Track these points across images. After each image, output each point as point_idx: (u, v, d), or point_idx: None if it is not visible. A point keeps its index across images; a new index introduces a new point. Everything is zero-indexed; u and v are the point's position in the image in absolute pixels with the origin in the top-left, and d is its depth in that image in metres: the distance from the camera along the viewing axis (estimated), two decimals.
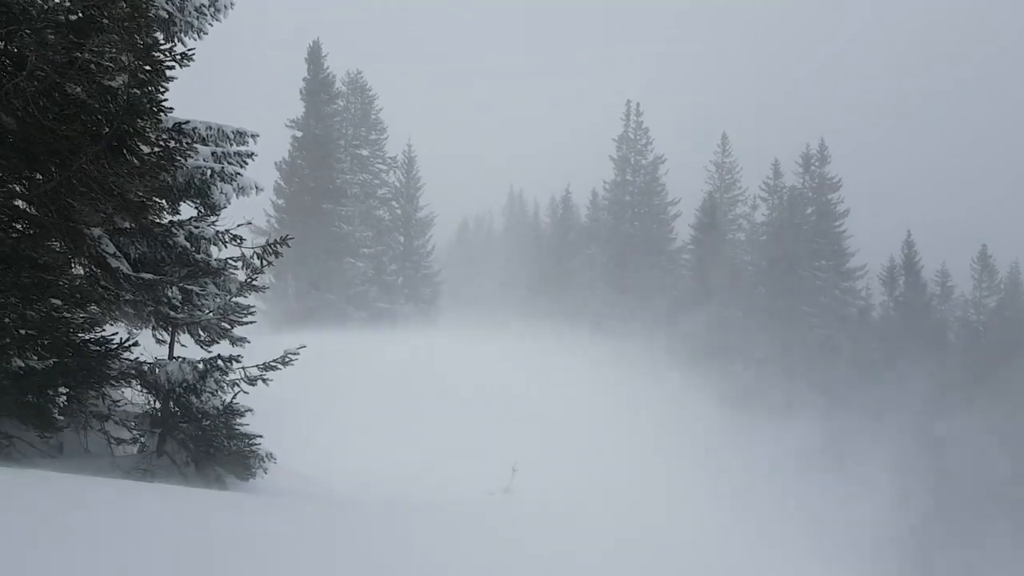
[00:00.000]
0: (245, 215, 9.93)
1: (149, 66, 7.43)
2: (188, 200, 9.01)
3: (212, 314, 9.27)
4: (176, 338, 9.51)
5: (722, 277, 48.03)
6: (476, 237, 68.66)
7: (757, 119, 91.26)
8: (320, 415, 19.12)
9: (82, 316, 7.84)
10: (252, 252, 9.31)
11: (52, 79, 6.82)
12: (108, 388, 8.64)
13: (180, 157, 8.31)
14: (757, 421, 33.04)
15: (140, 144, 7.32)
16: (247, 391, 9.40)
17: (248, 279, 9.46)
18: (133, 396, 9.52)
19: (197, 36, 9.15)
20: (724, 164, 53.53)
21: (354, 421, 19.36)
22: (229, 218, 9.36)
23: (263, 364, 9.44)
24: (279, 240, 9.24)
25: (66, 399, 7.41)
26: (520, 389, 25.81)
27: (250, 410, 9.19)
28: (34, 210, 7.75)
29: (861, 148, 50.19)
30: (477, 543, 6.39)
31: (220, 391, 9.06)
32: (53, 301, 7.40)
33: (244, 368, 9.28)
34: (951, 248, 51.53)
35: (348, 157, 45.23)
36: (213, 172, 8.76)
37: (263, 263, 9.30)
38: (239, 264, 9.27)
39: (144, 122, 7.23)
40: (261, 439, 9.27)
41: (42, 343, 7.11)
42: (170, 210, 9.06)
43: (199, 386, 8.87)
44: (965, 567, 30.39)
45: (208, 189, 8.77)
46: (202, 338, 9.57)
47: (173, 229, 8.88)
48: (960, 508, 34.34)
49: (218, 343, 9.56)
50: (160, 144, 7.76)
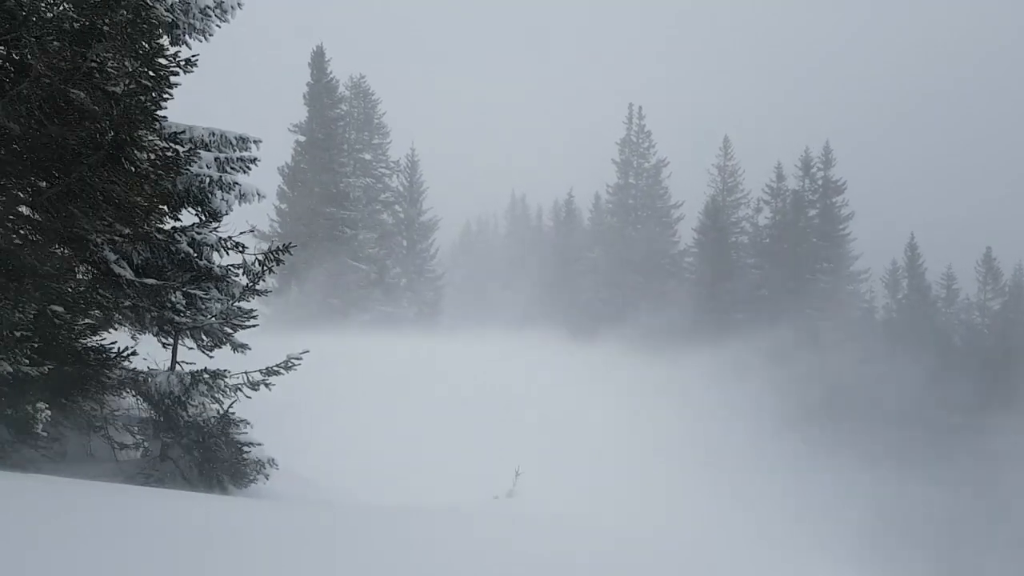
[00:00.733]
0: (249, 220, 9.98)
1: (152, 72, 7.48)
2: (188, 207, 9.04)
3: (214, 319, 9.30)
4: (180, 341, 9.54)
5: (725, 280, 48.02)
6: (479, 240, 68.70)
7: (757, 119, 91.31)
8: (322, 418, 19.19)
9: (84, 322, 7.88)
10: (254, 259, 9.35)
11: (56, 85, 6.88)
12: (107, 396, 8.69)
13: (187, 165, 8.37)
14: (760, 423, 33.00)
15: (137, 152, 7.35)
16: (249, 395, 9.43)
17: (251, 284, 9.49)
18: (137, 402, 9.56)
19: (202, 38, 9.11)
20: (726, 167, 53.51)
21: (356, 424, 19.42)
22: (232, 223, 9.41)
23: (265, 369, 9.45)
24: (281, 247, 9.26)
25: (49, 413, 7.35)
26: (523, 392, 25.87)
27: (245, 421, 9.21)
28: (38, 216, 7.81)
29: (861, 148, 50.44)
30: (477, 545, 6.42)
31: (209, 403, 9.07)
32: (55, 308, 7.43)
33: (247, 373, 9.31)
34: (951, 249, 51.56)
35: (351, 161, 45.34)
36: (211, 180, 8.80)
37: (265, 269, 9.33)
38: (240, 271, 9.30)
39: (141, 131, 7.27)
40: (261, 446, 9.30)
41: (34, 347, 7.07)
42: (171, 216, 9.10)
43: (184, 398, 8.89)
44: (975, 568, 30.24)
45: (207, 197, 8.81)
46: (204, 343, 9.58)
47: (176, 235, 8.92)
48: (963, 507, 34.20)
49: (220, 348, 9.58)
50: (158, 153, 7.78)
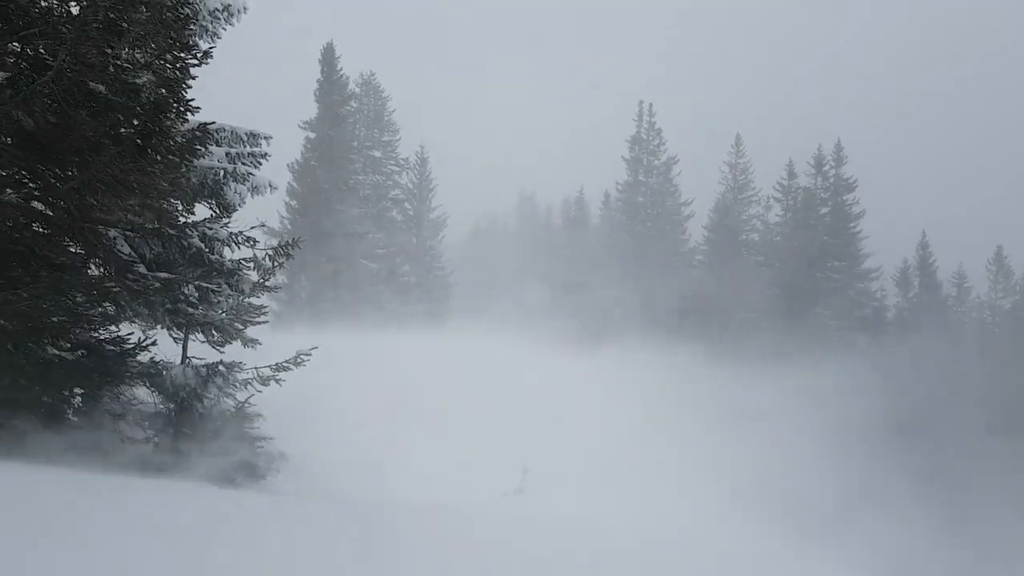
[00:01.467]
0: (258, 216, 9.99)
1: (176, 64, 7.51)
2: (203, 200, 9.07)
3: (225, 314, 9.32)
4: (191, 337, 9.57)
5: (736, 278, 47.85)
6: (489, 238, 68.60)
7: (757, 119, 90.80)
8: (333, 414, 19.17)
9: (99, 311, 7.91)
10: (264, 254, 9.37)
11: (75, 79, 6.88)
12: (123, 388, 8.71)
13: (193, 156, 8.37)
14: (772, 423, 32.85)
15: (165, 142, 7.38)
16: (260, 390, 9.45)
17: (261, 280, 9.51)
18: (147, 396, 9.59)
19: (212, 40, 9.18)
20: (737, 165, 53.26)
21: (366, 421, 19.40)
22: (243, 219, 9.44)
23: (275, 365, 9.49)
24: (291, 242, 9.29)
25: (81, 400, 7.47)
26: (534, 390, 25.79)
27: (260, 415, 9.24)
28: (49, 211, 7.82)
29: (861, 148, 50.29)
30: (478, 543, 6.42)
31: (224, 396, 9.12)
32: (75, 295, 7.48)
33: (257, 368, 9.33)
34: (951, 248, 51.42)
35: (361, 158, 45.37)
36: (226, 172, 8.83)
37: (275, 264, 9.35)
38: (252, 265, 9.33)
39: (170, 121, 7.30)
40: (272, 440, 9.32)
41: (71, 334, 7.19)
42: (185, 211, 9.12)
43: (201, 391, 8.93)
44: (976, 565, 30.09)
45: (222, 189, 8.83)
46: (215, 338, 9.62)
47: (187, 230, 8.95)
48: (967, 507, 34.01)
49: (231, 343, 9.61)
50: (184, 142, 7.81)
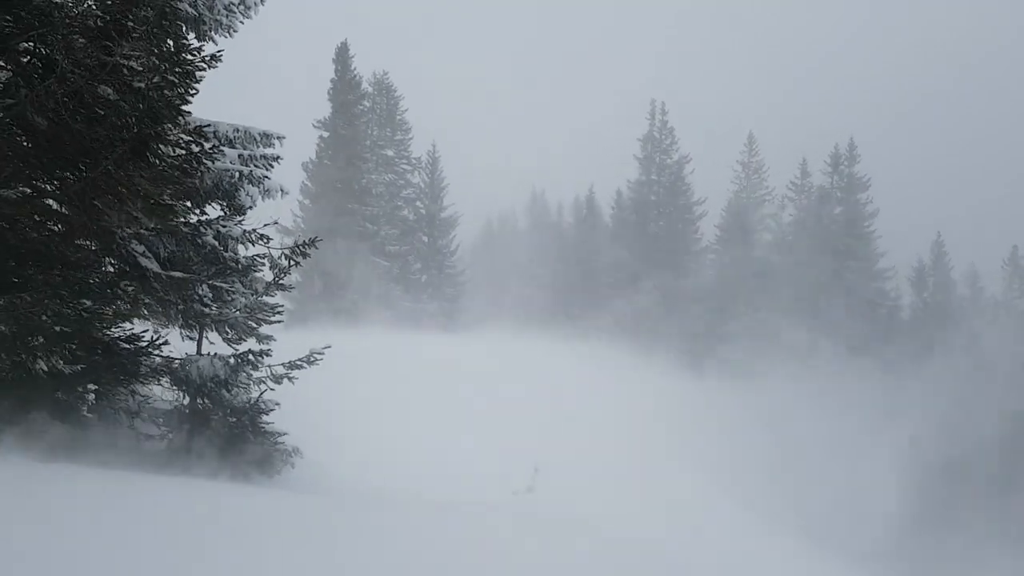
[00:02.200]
0: (272, 215, 10.03)
1: (179, 68, 7.52)
2: (215, 202, 9.10)
3: (239, 312, 9.38)
4: (204, 335, 9.63)
5: (749, 278, 47.63)
6: (500, 237, 68.54)
7: (757, 119, 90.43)
8: (346, 412, 19.22)
9: (111, 309, 7.96)
10: (280, 252, 9.41)
11: (81, 81, 6.93)
12: (138, 385, 8.77)
13: (207, 160, 8.40)
14: (784, 424, 32.72)
15: (161, 147, 7.40)
16: (273, 388, 9.51)
17: (275, 278, 9.56)
18: (162, 393, 9.65)
19: (227, 34, 9.11)
20: (751, 164, 53.05)
21: (378, 418, 19.44)
22: (256, 217, 9.48)
23: (289, 363, 9.54)
24: (307, 241, 9.32)
25: (95, 397, 7.51)
26: (545, 388, 25.77)
27: (277, 404, 9.30)
28: (65, 209, 7.88)
29: (860, 148, 50.22)
30: (479, 541, 6.44)
31: (250, 386, 9.20)
32: (83, 301, 7.52)
33: (270, 366, 9.39)
34: (952, 248, 51.35)
35: (374, 157, 45.49)
36: (241, 175, 8.86)
37: (291, 263, 9.39)
38: (266, 263, 9.37)
39: (164, 125, 7.32)
40: (287, 435, 9.37)
41: (71, 347, 7.20)
42: (197, 211, 9.17)
43: (231, 380, 9.01)
44: (977, 562, 29.82)
45: (235, 192, 8.87)
46: (229, 336, 9.68)
47: (201, 228, 9.00)
48: (968, 507, 33.74)
49: (245, 341, 9.67)
50: (183, 147, 7.82)
